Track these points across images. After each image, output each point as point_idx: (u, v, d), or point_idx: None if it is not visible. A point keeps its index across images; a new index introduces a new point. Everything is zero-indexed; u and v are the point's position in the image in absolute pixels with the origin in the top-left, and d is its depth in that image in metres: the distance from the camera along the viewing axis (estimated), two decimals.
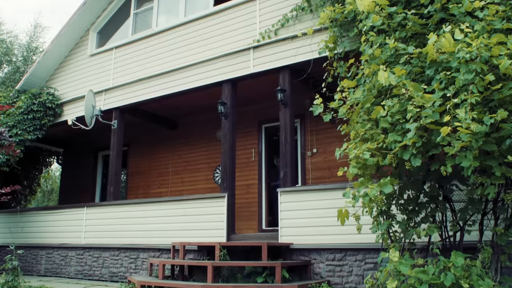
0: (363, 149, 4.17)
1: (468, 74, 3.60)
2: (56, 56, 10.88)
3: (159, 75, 8.93)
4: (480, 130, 3.36)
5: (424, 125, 3.68)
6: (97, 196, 12.42)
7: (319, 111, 4.92)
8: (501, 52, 3.61)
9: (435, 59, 4.05)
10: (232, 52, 7.94)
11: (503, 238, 3.88)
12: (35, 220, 10.29)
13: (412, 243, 4.49)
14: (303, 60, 7.05)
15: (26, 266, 10.08)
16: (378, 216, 4.48)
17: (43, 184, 23.87)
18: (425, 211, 4.41)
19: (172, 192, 10.67)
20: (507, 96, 3.53)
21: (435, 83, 3.95)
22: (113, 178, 9.12)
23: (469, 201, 4.12)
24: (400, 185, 4.46)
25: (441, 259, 3.72)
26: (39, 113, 10.20)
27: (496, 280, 3.88)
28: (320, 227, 6.23)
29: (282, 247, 6.46)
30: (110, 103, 9.65)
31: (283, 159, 7.00)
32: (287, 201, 6.69)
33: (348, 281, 5.94)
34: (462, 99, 3.53)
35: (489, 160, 3.57)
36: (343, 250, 6.07)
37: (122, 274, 8.27)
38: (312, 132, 8.83)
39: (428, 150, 3.90)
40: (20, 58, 20.66)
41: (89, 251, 8.96)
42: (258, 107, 9.54)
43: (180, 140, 10.89)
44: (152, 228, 8.07)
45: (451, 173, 3.93)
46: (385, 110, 4.07)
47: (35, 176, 13.72)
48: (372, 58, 4.72)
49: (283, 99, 7.12)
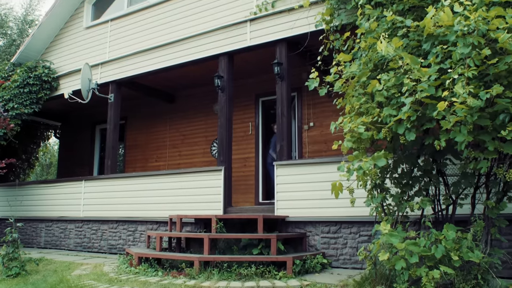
0: (358, 123, 4.18)
1: (465, 48, 3.57)
2: (51, 28, 10.74)
3: (156, 48, 8.85)
4: (476, 105, 3.35)
5: (419, 99, 3.68)
6: (95, 169, 12.48)
7: (314, 85, 4.90)
8: (500, 25, 3.57)
9: (432, 33, 4.01)
10: (229, 25, 7.85)
11: (494, 211, 3.93)
12: (34, 193, 10.37)
13: (405, 216, 4.55)
14: (300, 33, 6.98)
15: (27, 239, 10.22)
16: (372, 190, 4.52)
17: (42, 157, 23.94)
18: (419, 184, 4.45)
19: (170, 166, 10.72)
20: (502, 70, 3.50)
21: (431, 57, 3.92)
22: (110, 151, 9.14)
23: (462, 175, 4.15)
24: (395, 159, 4.49)
25: (433, 232, 3.78)
26: (35, 86, 10.14)
27: (486, 252, 3.94)
28: (315, 200, 6.29)
29: (278, 220, 6.54)
30: (107, 76, 9.58)
31: (280, 132, 7.01)
32: (283, 174, 6.73)
33: (343, 253, 6.04)
34: (459, 73, 3.51)
35: (482, 135, 3.58)
36: (338, 222, 6.15)
37: (120, 246, 8.39)
38: (309, 106, 8.81)
39: (422, 124, 3.91)
40: (16, 30, 20.39)
41: (87, 223, 9.06)
42: (255, 81, 9.50)
43: (177, 114, 10.87)
44: (150, 201, 8.14)
45: (445, 147, 3.96)
46: (381, 84, 4.05)
47: (33, 150, 13.74)
48: (368, 31, 4.68)
49: (279, 73, 7.08)
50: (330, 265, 6.04)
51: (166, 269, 5.82)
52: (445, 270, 3.56)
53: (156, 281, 5.21)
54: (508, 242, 4.91)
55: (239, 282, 5.00)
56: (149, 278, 5.38)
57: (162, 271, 5.67)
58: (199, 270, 5.37)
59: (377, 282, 4.33)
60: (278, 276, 5.21)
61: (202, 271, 5.36)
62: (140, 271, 5.80)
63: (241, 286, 4.84)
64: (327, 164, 6.28)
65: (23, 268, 6.91)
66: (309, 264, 5.59)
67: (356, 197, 4.55)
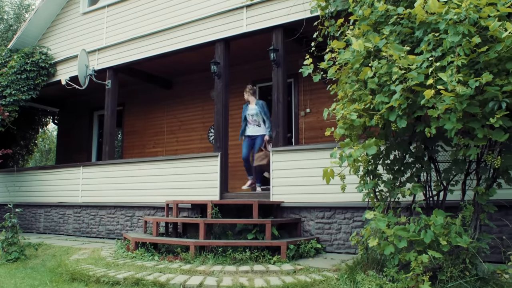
0: (351, 110, 4.22)
1: (455, 36, 3.59)
2: (48, 14, 10.70)
3: (153, 34, 8.84)
4: (465, 93, 3.39)
5: (410, 87, 3.71)
6: (94, 155, 12.54)
7: (308, 72, 4.93)
8: (491, 13, 3.59)
9: (424, 20, 4.03)
10: (225, 11, 7.84)
11: (483, 197, 3.99)
12: (33, 179, 10.45)
13: (397, 202, 4.62)
14: (296, 20, 6.98)
15: (26, 224, 10.32)
16: (364, 176, 4.58)
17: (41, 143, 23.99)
18: (411, 171, 4.51)
19: (167, 152, 10.78)
20: (492, 58, 3.53)
21: (423, 45, 3.94)
22: (108, 137, 9.19)
23: (453, 162, 4.20)
24: (387, 146, 4.53)
25: (422, 217, 3.84)
26: (32, 73, 10.15)
27: (475, 237, 4.01)
28: (310, 186, 6.35)
29: (273, 205, 6.62)
30: (104, 62, 9.59)
31: (275, 119, 7.05)
32: (279, 160, 6.79)
33: (337, 238, 6.13)
34: (448, 61, 3.54)
35: (472, 122, 3.61)
36: (332, 208, 6.22)
37: (118, 232, 8.49)
38: (306, 92, 8.84)
39: (414, 111, 3.95)
40: (12, 15, 20.26)
41: (86, 209, 9.15)
42: (252, 67, 9.51)
43: (175, 100, 10.90)
44: (147, 187, 8.22)
45: (436, 134, 4.01)
46: (372, 71, 4.08)
47: (31, 136, 13.79)
48: (362, 19, 4.68)
49: (275, 59, 7.10)
50: (324, 250, 6.14)
51: (163, 253, 5.91)
52: (433, 255, 3.63)
53: (152, 265, 5.31)
54: (498, 228, 4.99)
55: (234, 266, 5.09)
56: (146, 263, 5.48)
57: (158, 256, 5.76)
58: (194, 254, 5.46)
59: (368, 266, 4.42)
60: (272, 260, 5.30)
61: (198, 256, 5.46)
62: (137, 255, 5.89)
63: (235, 270, 4.93)
64: (322, 150, 6.33)
65: (23, 252, 7.01)
66: (303, 249, 5.68)
67: (350, 183, 4.62)
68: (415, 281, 3.66)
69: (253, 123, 7.58)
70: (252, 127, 7.59)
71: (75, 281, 5.12)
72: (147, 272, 4.99)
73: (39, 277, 5.54)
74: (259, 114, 7.48)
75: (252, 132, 7.58)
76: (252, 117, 7.57)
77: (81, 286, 4.89)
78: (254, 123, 7.57)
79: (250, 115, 7.57)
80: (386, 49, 3.90)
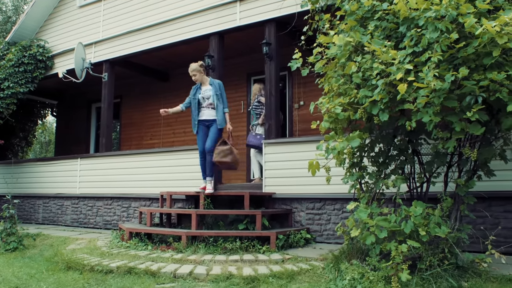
0: (336, 104, 4.33)
1: (434, 33, 3.69)
2: (45, 6, 10.80)
3: (148, 27, 8.93)
4: (441, 87, 3.50)
5: (391, 81, 3.82)
6: (92, 147, 12.67)
7: (297, 66, 5.03)
8: (468, 10, 3.68)
9: (407, 16, 4.12)
10: (219, 5, 7.92)
11: (463, 189, 4.11)
12: (31, 171, 10.60)
13: (382, 193, 4.74)
14: (289, 13, 7.06)
15: (25, 215, 10.49)
16: (350, 168, 4.70)
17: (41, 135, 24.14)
18: (395, 163, 4.63)
19: (164, 143, 10.91)
20: (470, 54, 3.63)
21: (406, 40, 4.05)
22: (105, 130, 9.32)
23: (435, 155, 4.32)
24: (372, 139, 4.66)
25: (403, 208, 3.97)
26: (30, 65, 10.25)
27: (455, 228, 4.14)
28: (301, 177, 6.47)
29: (265, 197, 6.75)
30: (101, 55, 9.69)
31: (268, 111, 7.16)
32: (271, 152, 6.91)
33: (326, 229, 6.27)
34: (426, 58, 3.65)
35: (450, 116, 3.73)
36: (322, 199, 6.35)
37: (115, 222, 8.64)
38: (300, 85, 8.93)
39: (396, 105, 4.06)
40: (11, 7, 20.31)
41: (83, 200, 9.31)
42: (247, 60, 9.60)
43: (172, 92, 10.99)
44: (143, 179, 8.36)
45: (419, 128, 4.13)
46: (357, 66, 4.19)
47: (30, 128, 13.92)
48: (349, 14, 4.78)
49: (268, 52, 7.19)
50: (314, 240, 6.28)
51: (156, 243, 6.06)
52: (413, 244, 3.76)
53: (145, 254, 5.45)
54: (481, 219, 5.11)
55: (224, 256, 5.23)
56: (139, 252, 5.63)
57: (151, 245, 5.91)
58: (186, 244, 5.61)
59: (353, 256, 4.55)
60: (262, 250, 5.45)
61: (189, 245, 5.60)
62: (131, 245, 6.04)
63: (225, 259, 5.07)
64: (312, 142, 6.44)
65: (21, 242, 7.16)
66: (292, 239, 5.82)
67: (338, 175, 4.75)
68: (395, 270, 3.79)
69: (208, 107, 6.62)
70: (207, 111, 6.62)
71: (70, 269, 5.26)
72: (139, 261, 5.14)
73: (36, 266, 5.69)
74: (214, 96, 6.57)
75: (208, 115, 6.62)
76: (209, 100, 6.60)
77: (76, 275, 5.03)
78: (210, 107, 6.62)
79: (206, 98, 6.61)
80: (368, 45, 3.99)
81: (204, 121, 6.64)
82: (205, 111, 6.61)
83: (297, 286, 4.28)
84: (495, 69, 3.56)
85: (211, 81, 6.68)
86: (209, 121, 6.61)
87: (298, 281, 4.42)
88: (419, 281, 3.83)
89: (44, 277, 5.06)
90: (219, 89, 6.59)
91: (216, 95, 6.54)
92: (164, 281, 4.55)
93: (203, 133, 6.64)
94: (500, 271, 4.15)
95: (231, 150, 6.42)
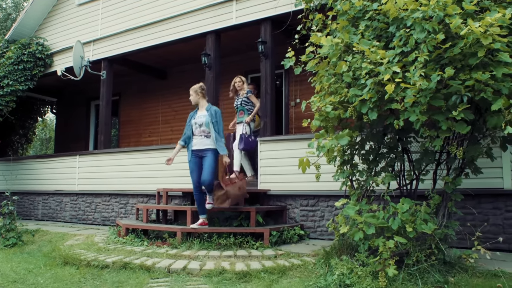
0: (326, 102, 4.42)
1: (421, 33, 3.77)
2: (44, 4, 10.89)
3: (146, 25, 9.01)
4: (427, 87, 3.58)
5: (380, 80, 3.90)
6: (91, 144, 12.78)
7: (290, 64, 5.11)
8: (455, 11, 3.76)
9: (397, 16, 4.20)
10: (216, 3, 7.99)
11: (450, 186, 4.19)
12: (31, 168, 10.71)
13: (372, 190, 4.83)
14: (284, 12, 7.14)
15: (25, 211, 10.60)
16: (341, 165, 4.79)
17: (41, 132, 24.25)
18: (385, 161, 4.72)
19: (162, 141, 11.00)
20: (456, 54, 3.71)
21: (395, 40, 4.12)
22: (103, 127, 9.42)
23: (423, 153, 4.40)
24: (362, 137, 4.74)
25: (391, 205, 4.05)
26: (29, 63, 10.34)
27: (442, 224, 4.23)
28: (295, 174, 6.55)
29: (260, 193, 6.84)
30: (99, 53, 9.77)
31: (264, 109, 7.24)
32: (266, 149, 7.00)
33: (320, 225, 6.36)
34: (413, 58, 3.73)
35: (436, 115, 3.80)
36: (316, 196, 6.44)
37: (113, 218, 8.75)
38: (296, 83, 9.01)
39: (385, 104, 4.14)
40: (11, 4, 20.39)
41: (82, 197, 9.41)
42: (243, 58, 9.66)
43: (170, 90, 11.08)
44: (141, 175, 8.46)
45: (408, 126, 4.20)
46: (347, 65, 4.27)
47: (30, 125, 14.02)
48: (341, 13, 4.85)
49: (264, 51, 7.27)
50: (308, 237, 6.37)
51: (152, 239, 6.16)
52: (399, 240, 3.85)
53: (141, 250, 5.55)
54: (471, 216, 5.20)
55: (218, 251, 5.33)
56: (135, 248, 5.72)
57: (147, 241, 6.01)
58: (181, 240, 5.70)
59: (343, 251, 4.65)
60: (255, 246, 5.54)
61: (184, 241, 5.70)
62: (127, 241, 6.14)
63: (219, 255, 5.16)
64: (306, 140, 6.50)
65: (20, 238, 7.26)
66: (286, 235, 5.91)
67: (331, 173, 4.83)
68: (382, 265, 3.88)
69: (201, 134, 5.88)
70: (199, 139, 5.87)
71: (67, 265, 5.37)
72: (135, 257, 5.23)
73: (35, 261, 5.79)
74: (209, 123, 5.83)
75: (201, 145, 5.85)
76: (201, 127, 5.87)
77: (72, 270, 5.13)
78: (202, 134, 5.87)
79: (198, 124, 5.88)
80: (357, 45, 4.07)
81: (196, 152, 5.88)
82: (197, 140, 5.87)
83: (288, 281, 4.37)
84: (480, 69, 3.64)
85: (208, 106, 5.98)
86: (202, 151, 5.85)
87: (289, 276, 4.51)
88: (406, 276, 3.92)
89: (42, 272, 5.16)
90: (215, 116, 5.86)
91: (212, 122, 5.83)
92: (158, 276, 4.65)
93: (195, 165, 5.88)
94: (486, 266, 4.24)
95: (227, 194, 5.85)
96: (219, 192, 5.86)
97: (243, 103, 7.65)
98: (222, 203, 5.84)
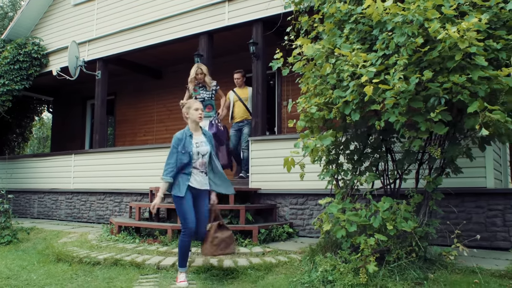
0: (312, 103, 4.54)
1: (401, 37, 3.89)
2: (40, 5, 11.00)
3: (141, 26, 9.12)
4: (406, 89, 3.70)
5: (362, 83, 4.01)
6: (87, 143, 12.88)
7: (278, 66, 5.23)
8: (434, 15, 3.87)
9: (380, 20, 4.31)
10: (209, 4, 8.10)
11: (430, 185, 4.31)
12: (27, 166, 10.82)
13: (357, 189, 4.94)
14: (275, 14, 7.24)
15: (21, 210, 10.72)
16: (327, 165, 4.90)
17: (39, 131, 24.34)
18: (369, 161, 4.83)
19: (157, 140, 11.11)
20: (435, 57, 3.82)
21: (378, 43, 4.24)
22: (98, 126, 9.53)
23: (405, 153, 4.52)
24: (347, 137, 4.86)
25: (373, 203, 4.17)
26: (25, 63, 10.45)
27: (423, 223, 4.35)
28: (285, 173, 6.52)
29: (251, 192, 6.96)
30: (94, 53, 9.88)
31: (255, 109, 7.36)
32: (257, 149, 7.11)
33: (309, 223, 6.48)
34: (393, 61, 3.85)
35: (416, 116, 3.92)
36: (305, 195, 6.56)
37: (107, 217, 8.86)
38: (288, 83, 9.12)
39: (367, 106, 4.25)
40: (8, 3, 20.46)
41: (77, 195, 9.52)
42: (236, 58, 9.75)
43: (165, 89, 11.18)
44: (135, 174, 8.57)
45: (391, 127, 4.32)
46: (332, 67, 4.38)
47: (27, 124, 14.13)
48: (328, 16, 4.96)
49: (255, 52, 7.38)
50: (297, 234, 6.49)
51: (143, 237, 6.28)
52: (380, 238, 3.97)
53: (133, 247, 5.67)
54: (455, 214, 5.32)
55: None
56: (127, 245, 5.84)
57: (139, 239, 6.13)
58: (171, 237, 5.82)
59: (328, 248, 4.77)
60: (244, 243, 5.66)
61: (175, 239, 5.82)
62: (119, 238, 6.26)
63: None
64: (295, 140, 6.58)
65: (15, 236, 7.37)
66: (275, 233, 6.03)
67: (318, 172, 4.95)
68: (363, 262, 4.00)
69: (201, 168, 4.51)
70: (199, 176, 4.49)
71: (60, 261, 5.48)
72: (126, 254, 5.35)
73: (29, 259, 5.90)
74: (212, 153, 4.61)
75: (200, 184, 4.49)
76: (203, 158, 4.50)
77: (65, 266, 5.25)
78: (203, 169, 4.53)
79: (201, 154, 4.48)
80: (338, 50, 4.18)
81: (194, 189, 4.46)
82: (198, 177, 4.48)
83: (274, 277, 4.50)
84: (458, 72, 3.75)
85: (204, 130, 4.71)
86: (201, 191, 4.53)
87: (275, 272, 4.63)
88: (386, 272, 4.04)
89: (35, 269, 5.27)
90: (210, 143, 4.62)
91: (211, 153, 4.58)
92: (148, 272, 4.77)
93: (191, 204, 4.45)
94: (465, 263, 4.36)
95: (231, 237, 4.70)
96: (224, 234, 4.65)
97: (213, 97, 7.22)
98: (227, 247, 4.64)
